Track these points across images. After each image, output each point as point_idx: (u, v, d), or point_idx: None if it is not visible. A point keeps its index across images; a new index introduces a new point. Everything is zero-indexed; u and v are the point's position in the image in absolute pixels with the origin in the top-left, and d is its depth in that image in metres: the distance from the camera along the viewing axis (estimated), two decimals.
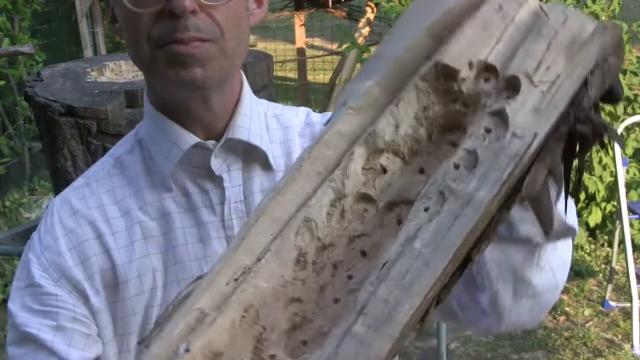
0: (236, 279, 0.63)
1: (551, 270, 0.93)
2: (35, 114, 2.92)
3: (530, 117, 0.65)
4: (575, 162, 0.72)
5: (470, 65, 0.69)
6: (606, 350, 3.39)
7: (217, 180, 0.98)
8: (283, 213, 0.66)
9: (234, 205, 0.99)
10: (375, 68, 0.71)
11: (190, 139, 0.96)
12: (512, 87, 0.68)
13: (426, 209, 0.64)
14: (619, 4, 4.16)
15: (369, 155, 0.69)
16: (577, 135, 0.69)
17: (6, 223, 4.75)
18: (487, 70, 0.69)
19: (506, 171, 0.63)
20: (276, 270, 0.65)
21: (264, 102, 1.08)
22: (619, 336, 3.50)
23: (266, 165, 1.01)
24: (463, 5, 0.71)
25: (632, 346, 3.37)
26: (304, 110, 1.09)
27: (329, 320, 0.64)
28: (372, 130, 0.69)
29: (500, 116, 0.66)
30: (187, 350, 0.59)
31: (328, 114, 1.09)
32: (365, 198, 0.69)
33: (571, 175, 0.73)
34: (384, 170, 0.69)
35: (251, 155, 1.00)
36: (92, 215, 0.98)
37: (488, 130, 0.66)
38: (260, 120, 1.02)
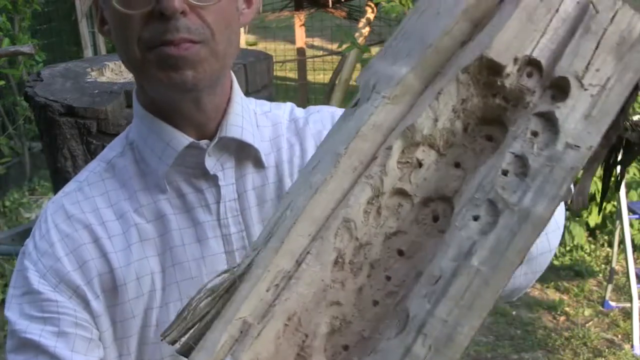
0: (277, 285, 0.62)
1: (545, 235, 0.94)
2: (35, 114, 2.92)
3: (581, 124, 0.63)
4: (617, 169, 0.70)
5: (516, 60, 0.66)
6: (606, 350, 3.39)
7: (212, 180, 0.98)
8: (322, 212, 0.64)
9: (228, 204, 0.99)
10: (407, 49, 0.68)
11: (184, 139, 0.96)
12: (559, 88, 0.65)
13: (475, 218, 0.62)
14: None
15: (404, 148, 0.67)
16: (623, 143, 0.67)
17: (6, 223, 4.75)
18: (530, 64, 0.66)
19: (563, 187, 0.61)
20: (317, 275, 0.63)
21: (251, 100, 1.08)
22: (619, 336, 3.50)
23: (258, 163, 1.01)
24: None
25: (632, 346, 3.37)
26: (288, 105, 1.10)
27: (368, 324, 0.63)
28: (411, 124, 0.66)
29: (549, 120, 0.64)
30: None
31: (311, 109, 1.10)
32: (400, 193, 0.67)
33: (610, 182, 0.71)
34: (420, 164, 0.67)
35: (243, 153, 1.01)
36: (87, 219, 0.98)
37: (535, 134, 0.63)
38: (251, 118, 1.02)
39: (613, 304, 3.69)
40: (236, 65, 2.78)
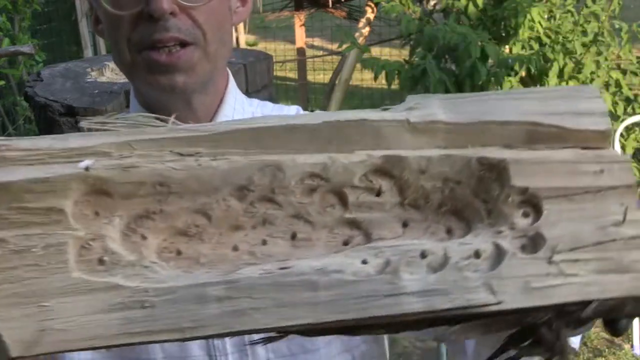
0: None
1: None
2: (35, 114, 2.92)
3: (518, 282, 0.63)
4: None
5: (525, 191, 0.66)
6: (606, 350, 3.39)
7: None
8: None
9: None
10: (468, 108, 0.68)
11: None
12: (534, 241, 0.65)
13: (364, 262, 0.64)
14: (619, 4, 4.16)
15: (381, 169, 0.67)
16: (533, 334, 0.65)
17: None
18: (534, 207, 0.66)
19: (446, 304, 0.62)
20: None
21: (255, 101, 1.07)
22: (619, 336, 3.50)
23: None
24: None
25: (632, 346, 3.37)
26: (292, 109, 1.08)
27: (210, 255, 0.65)
28: (405, 155, 0.66)
29: (500, 252, 0.64)
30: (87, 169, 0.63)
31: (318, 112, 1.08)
32: (341, 196, 0.67)
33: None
34: (378, 193, 0.67)
35: None
36: None
37: (478, 255, 0.64)
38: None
39: None
40: (236, 65, 2.78)
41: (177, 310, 0.60)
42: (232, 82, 1.02)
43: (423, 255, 0.64)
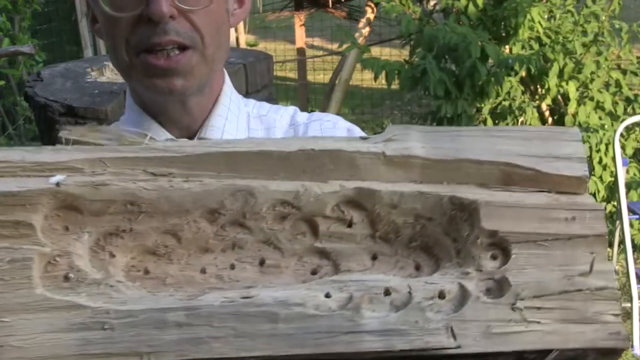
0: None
1: None
2: (35, 114, 2.92)
3: (478, 327, 0.63)
4: None
5: (495, 234, 0.67)
6: None
7: None
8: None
9: None
10: (446, 144, 0.69)
11: (164, 134, 0.96)
12: (499, 285, 0.66)
13: (327, 295, 0.64)
14: (619, 4, 4.16)
15: (351, 201, 0.68)
16: None
17: None
18: (502, 251, 0.67)
19: (404, 344, 0.62)
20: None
21: (251, 102, 1.07)
22: None
23: None
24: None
25: (632, 346, 3.37)
26: (290, 110, 1.07)
27: (177, 276, 0.66)
28: (378, 190, 0.67)
29: (464, 294, 0.65)
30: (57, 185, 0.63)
31: (316, 115, 1.06)
32: (313, 224, 0.68)
33: None
34: (350, 224, 0.68)
35: None
36: None
37: (442, 295, 0.65)
38: (239, 120, 1.01)
39: None
40: (236, 65, 2.78)
41: (137, 334, 0.61)
42: (227, 83, 1.02)
43: (387, 292, 0.65)
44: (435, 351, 0.62)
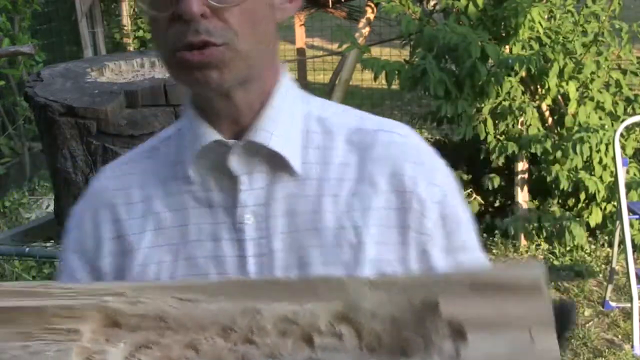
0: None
1: None
2: (35, 114, 2.92)
3: None
4: None
5: (452, 322, 0.74)
6: (606, 350, 3.39)
7: (235, 181, 0.97)
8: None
9: (252, 209, 0.97)
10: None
11: (213, 135, 0.96)
12: None
13: None
14: (619, 4, 4.16)
15: (339, 315, 0.77)
16: None
17: (6, 223, 4.75)
18: (462, 336, 0.73)
19: None
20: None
21: (316, 100, 1.05)
22: (619, 336, 3.50)
23: (293, 172, 0.97)
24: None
25: (632, 346, 3.37)
26: (357, 113, 1.05)
27: None
28: (358, 304, 0.77)
29: None
30: None
31: (386, 124, 1.02)
32: (309, 341, 0.77)
33: None
34: (340, 337, 0.77)
35: (275, 160, 0.97)
36: (114, 198, 1.02)
37: None
38: (292, 123, 0.99)
39: (613, 304, 3.69)
40: None
41: None
42: (284, 83, 1.01)
43: None
44: None
